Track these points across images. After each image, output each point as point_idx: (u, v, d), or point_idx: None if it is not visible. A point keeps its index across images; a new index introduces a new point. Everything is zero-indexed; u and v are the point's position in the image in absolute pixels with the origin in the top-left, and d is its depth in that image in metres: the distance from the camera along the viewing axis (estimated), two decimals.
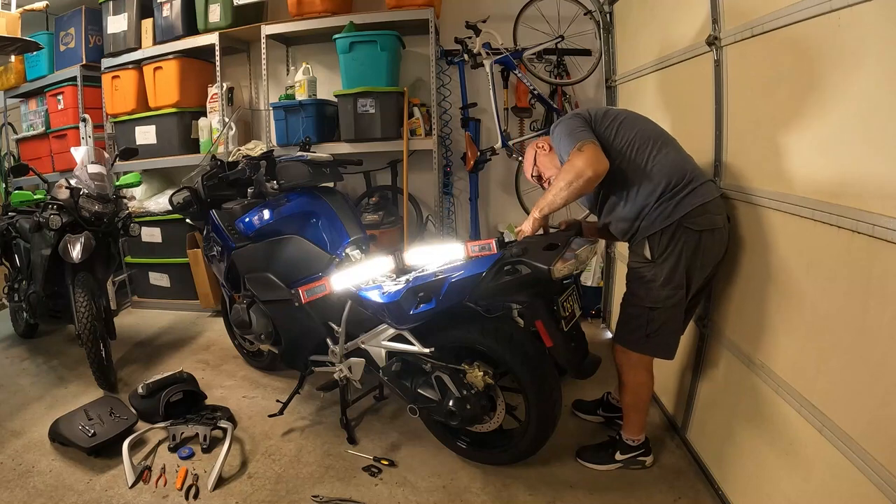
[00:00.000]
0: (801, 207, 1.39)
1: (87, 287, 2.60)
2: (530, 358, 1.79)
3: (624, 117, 1.82)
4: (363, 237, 2.31)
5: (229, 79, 3.80)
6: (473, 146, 3.32)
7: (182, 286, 3.86)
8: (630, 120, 1.81)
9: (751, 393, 1.64)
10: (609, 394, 2.26)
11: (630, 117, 1.83)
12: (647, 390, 1.90)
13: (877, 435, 1.14)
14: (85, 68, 3.87)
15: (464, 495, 1.88)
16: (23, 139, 4.40)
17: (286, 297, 2.14)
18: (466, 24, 3.17)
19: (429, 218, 3.71)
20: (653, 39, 2.40)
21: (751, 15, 1.58)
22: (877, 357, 1.15)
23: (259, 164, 2.37)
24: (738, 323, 1.75)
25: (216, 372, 2.88)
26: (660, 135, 1.80)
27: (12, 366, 3.03)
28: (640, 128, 1.79)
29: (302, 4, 3.40)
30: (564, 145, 1.75)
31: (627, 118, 1.82)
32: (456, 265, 1.81)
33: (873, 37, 1.15)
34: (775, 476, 1.51)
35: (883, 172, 1.13)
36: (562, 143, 1.77)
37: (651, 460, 1.97)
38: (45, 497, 1.91)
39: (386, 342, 2.01)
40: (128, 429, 2.21)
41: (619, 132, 1.77)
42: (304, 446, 2.18)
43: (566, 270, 1.60)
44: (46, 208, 2.71)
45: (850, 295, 1.22)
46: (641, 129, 1.79)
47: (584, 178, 1.66)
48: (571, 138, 1.73)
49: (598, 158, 1.67)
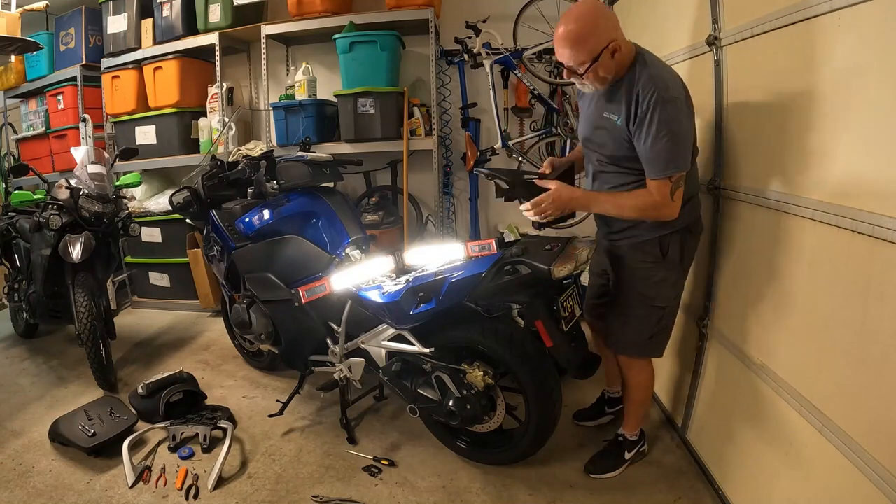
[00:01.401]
0: (801, 207, 1.39)
1: (87, 287, 2.60)
2: (530, 358, 1.79)
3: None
4: (363, 237, 2.32)
5: (229, 79, 3.80)
6: (473, 146, 3.32)
7: (182, 286, 3.86)
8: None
9: (751, 393, 1.64)
10: (606, 390, 2.26)
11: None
12: (651, 385, 1.93)
13: (877, 435, 1.15)
14: (85, 68, 3.87)
15: (464, 495, 1.88)
16: (23, 139, 4.40)
17: (286, 297, 2.14)
18: (466, 24, 3.18)
19: (429, 218, 3.71)
20: (653, 39, 2.38)
21: (751, 15, 1.57)
22: (877, 357, 1.15)
23: (259, 164, 2.37)
24: (738, 323, 1.75)
25: (216, 372, 2.88)
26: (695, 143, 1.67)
27: (12, 366, 3.03)
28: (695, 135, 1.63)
29: (302, 4, 3.39)
30: (667, 147, 1.47)
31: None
32: (456, 265, 1.81)
33: (873, 37, 1.15)
34: (775, 476, 1.51)
35: (883, 172, 1.13)
36: (665, 140, 1.47)
37: (647, 447, 2.02)
38: (45, 497, 1.91)
39: (386, 342, 2.01)
40: (128, 429, 2.21)
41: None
42: (304, 446, 2.18)
43: (566, 270, 1.61)
44: (46, 208, 2.71)
45: (850, 295, 1.22)
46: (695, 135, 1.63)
47: (666, 218, 1.56)
48: (680, 150, 1.48)
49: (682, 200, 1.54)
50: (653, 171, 1.52)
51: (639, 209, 1.57)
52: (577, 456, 2.04)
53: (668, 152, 1.47)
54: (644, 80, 1.49)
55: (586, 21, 1.47)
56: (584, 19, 1.48)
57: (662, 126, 1.46)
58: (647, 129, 1.48)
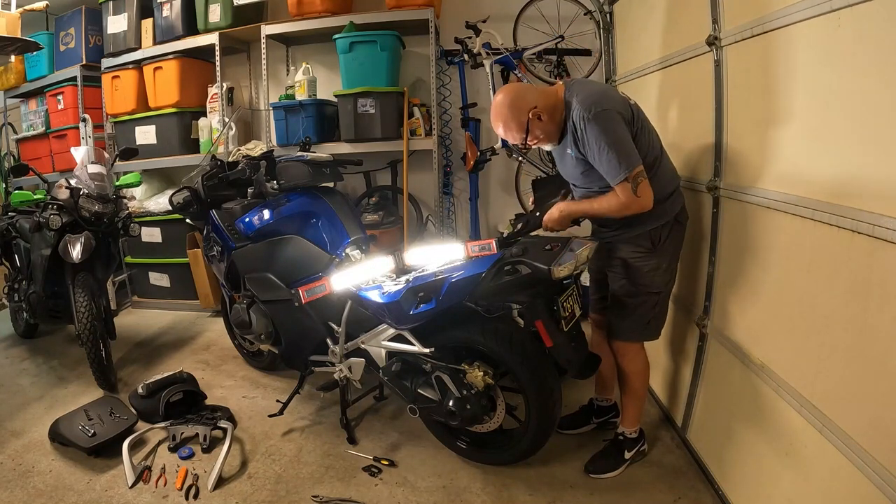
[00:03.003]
0: (801, 207, 1.39)
1: (87, 287, 2.60)
2: (530, 358, 1.79)
3: (643, 121, 1.76)
4: (363, 237, 2.32)
5: (229, 79, 3.80)
6: (473, 146, 3.32)
7: (182, 286, 3.86)
8: (647, 124, 1.78)
9: (751, 393, 1.64)
10: (594, 399, 2.23)
11: (646, 121, 1.78)
12: (647, 374, 1.98)
13: (877, 435, 1.14)
14: (85, 68, 3.87)
15: (464, 495, 1.88)
16: (23, 139, 4.40)
17: (286, 297, 2.14)
18: (466, 24, 3.18)
19: (429, 218, 3.71)
20: (653, 39, 2.40)
21: (751, 15, 1.57)
22: (877, 357, 1.15)
23: (259, 164, 2.37)
24: (737, 323, 1.75)
25: (216, 372, 2.88)
26: (659, 139, 1.82)
27: (12, 366, 3.03)
28: (653, 134, 1.79)
29: (302, 4, 3.40)
30: (610, 156, 1.62)
31: (645, 122, 1.77)
32: (456, 265, 1.81)
33: (873, 37, 1.15)
34: (775, 476, 1.51)
35: (883, 172, 1.13)
36: (606, 151, 1.63)
37: (647, 447, 2.02)
38: (45, 497, 1.91)
39: (386, 342, 2.01)
40: (128, 429, 2.21)
41: (641, 138, 1.72)
42: (304, 446, 2.18)
43: (566, 270, 1.60)
44: (46, 208, 2.71)
45: (850, 295, 1.22)
46: (653, 135, 1.79)
47: (641, 211, 1.67)
48: (623, 153, 1.61)
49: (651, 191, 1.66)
50: (611, 178, 1.66)
51: (612, 211, 1.70)
52: (577, 456, 2.04)
53: (613, 159, 1.62)
54: (574, 109, 1.69)
55: (502, 110, 1.77)
56: (500, 110, 1.77)
57: (599, 140, 1.63)
58: (591, 147, 1.66)
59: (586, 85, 1.77)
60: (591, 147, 1.65)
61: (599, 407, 2.22)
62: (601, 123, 1.63)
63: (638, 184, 1.63)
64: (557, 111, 1.74)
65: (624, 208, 1.67)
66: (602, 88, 1.78)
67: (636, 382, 1.95)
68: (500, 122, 1.79)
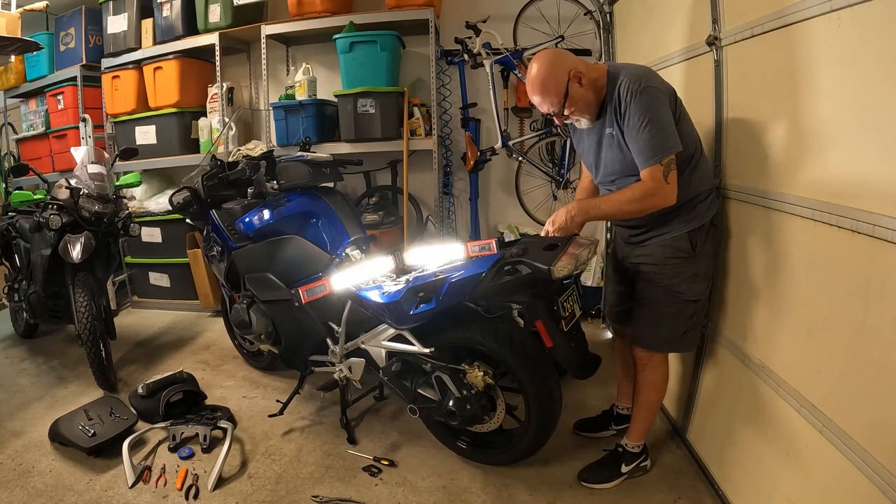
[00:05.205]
0: (801, 207, 1.39)
1: (87, 287, 2.60)
2: (530, 358, 1.79)
3: (684, 111, 1.67)
4: (363, 237, 2.31)
5: (229, 79, 3.80)
6: (473, 146, 3.32)
7: (182, 286, 3.86)
8: (687, 116, 1.68)
9: (751, 393, 1.64)
10: (616, 405, 2.18)
11: (686, 113, 1.68)
12: (663, 388, 1.89)
13: (877, 435, 1.15)
14: (85, 68, 3.87)
15: (464, 495, 1.88)
16: (23, 139, 4.40)
17: (286, 297, 2.14)
18: (466, 24, 3.18)
19: (429, 218, 3.71)
20: (653, 39, 2.40)
21: (751, 15, 1.58)
22: (877, 357, 1.15)
23: (259, 164, 2.37)
24: (738, 323, 1.75)
25: (216, 372, 2.88)
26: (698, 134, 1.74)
27: (12, 366, 3.03)
28: (692, 127, 1.70)
29: (302, 4, 3.40)
30: (650, 134, 1.53)
31: (685, 113, 1.67)
32: (456, 265, 1.81)
33: (873, 37, 1.15)
34: (775, 476, 1.51)
35: (883, 172, 1.13)
36: (648, 128, 1.53)
37: (650, 464, 1.96)
38: (45, 497, 1.91)
39: (386, 342, 2.01)
40: (128, 429, 2.21)
41: (682, 127, 1.61)
42: (304, 446, 2.18)
43: (566, 270, 1.60)
44: (46, 208, 2.71)
45: (850, 295, 1.22)
46: (693, 128, 1.70)
47: (665, 204, 1.58)
48: (664, 134, 1.53)
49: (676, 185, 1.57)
50: (643, 159, 1.56)
51: (635, 200, 1.59)
52: (577, 456, 2.04)
53: (652, 138, 1.53)
54: (622, 82, 1.59)
55: (542, 69, 1.64)
56: (540, 68, 1.64)
57: (644, 115, 1.54)
58: (631, 122, 1.57)
59: (633, 64, 1.69)
60: (632, 122, 1.55)
61: (620, 414, 2.15)
62: (648, 99, 1.54)
63: (670, 170, 1.54)
64: (598, 85, 1.64)
65: (648, 195, 1.56)
66: (650, 70, 1.68)
67: (652, 394, 1.86)
68: (537, 83, 1.64)
